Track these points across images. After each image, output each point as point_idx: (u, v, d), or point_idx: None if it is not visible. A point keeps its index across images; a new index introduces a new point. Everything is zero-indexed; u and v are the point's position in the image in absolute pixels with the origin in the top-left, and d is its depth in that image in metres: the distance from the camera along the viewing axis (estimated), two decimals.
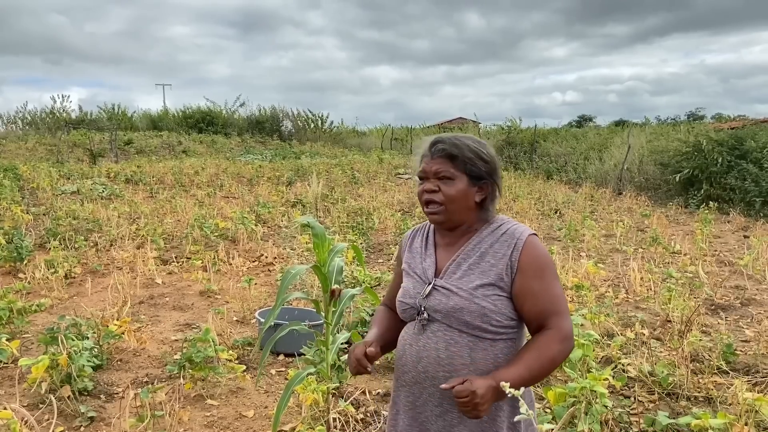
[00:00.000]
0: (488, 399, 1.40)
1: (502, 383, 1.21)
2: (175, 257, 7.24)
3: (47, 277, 6.04)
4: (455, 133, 1.64)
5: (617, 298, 5.67)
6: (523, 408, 1.15)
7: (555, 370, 1.61)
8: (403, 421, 1.67)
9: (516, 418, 1.27)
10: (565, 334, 1.53)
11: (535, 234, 1.60)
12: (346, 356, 3.49)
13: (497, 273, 1.54)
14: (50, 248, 6.96)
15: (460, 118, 36.11)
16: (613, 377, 3.30)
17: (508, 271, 1.54)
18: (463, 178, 1.58)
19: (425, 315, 1.60)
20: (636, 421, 3.28)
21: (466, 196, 1.58)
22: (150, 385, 3.65)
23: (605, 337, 4.37)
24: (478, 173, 1.59)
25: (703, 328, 4.76)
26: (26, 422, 2.76)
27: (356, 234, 8.27)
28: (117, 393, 3.68)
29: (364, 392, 3.64)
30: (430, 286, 1.61)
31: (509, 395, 1.18)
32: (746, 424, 2.82)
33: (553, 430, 2.58)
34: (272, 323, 2.60)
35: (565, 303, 1.58)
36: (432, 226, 1.73)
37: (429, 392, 1.59)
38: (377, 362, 4.12)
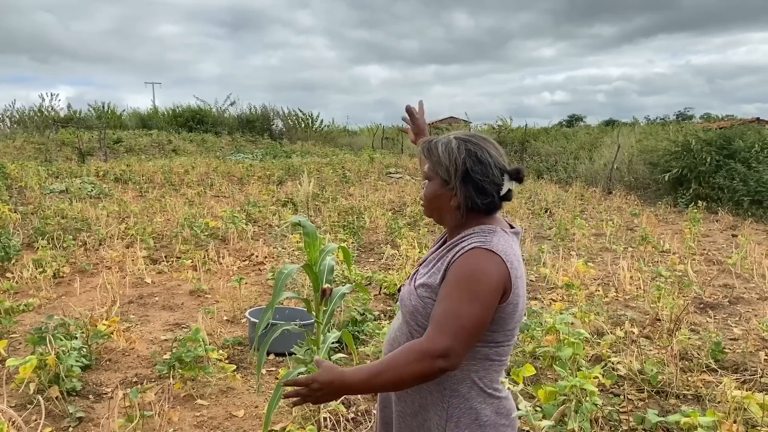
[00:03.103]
0: (327, 392, 1.45)
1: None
2: (165, 257, 7.20)
3: (35, 277, 5.99)
4: (445, 135, 1.63)
5: (607, 296, 5.70)
6: (522, 405, 1.15)
7: (411, 384, 1.46)
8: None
9: (514, 415, 1.29)
10: (428, 351, 1.39)
11: (487, 249, 1.47)
12: (337, 355, 3.49)
13: (438, 278, 1.53)
14: (38, 247, 6.90)
15: (451, 117, 36.13)
16: (603, 375, 3.31)
17: (442, 278, 1.52)
18: (437, 180, 1.58)
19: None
20: (625, 419, 3.29)
21: (438, 198, 1.58)
22: (139, 385, 3.63)
23: (595, 336, 4.39)
24: (445, 177, 1.56)
25: (692, 327, 4.79)
26: (14, 423, 2.73)
27: (347, 233, 8.26)
28: (106, 393, 3.66)
29: None
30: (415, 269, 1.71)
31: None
32: (735, 422, 2.84)
33: (544, 428, 2.59)
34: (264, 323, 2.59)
35: (458, 324, 1.40)
36: None
37: None
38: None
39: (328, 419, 3.16)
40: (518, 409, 1.17)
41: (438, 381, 1.50)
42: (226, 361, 3.93)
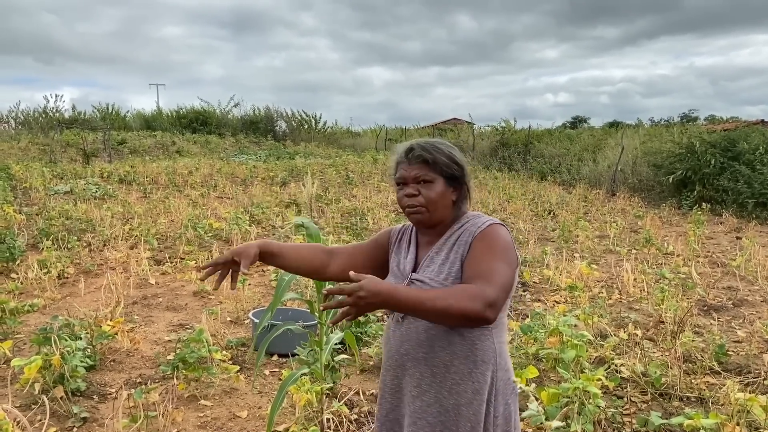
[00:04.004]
0: (372, 301, 1.37)
1: None
2: (169, 257, 7.22)
3: (40, 278, 6.01)
4: (426, 139, 1.75)
5: (610, 298, 5.69)
6: (533, 405, 1.16)
7: (454, 319, 1.46)
8: (385, 404, 1.77)
9: (525, 414, 1.32)
10: (482, 295, 1.43)
11: (502, 224, 1.66)
12: (340, 357, 3.50)
13: (460, 259, 1.63)
14: (43, 248, 6.93)
15: (455, 118, 36.14)
16: (606, 378, 3.31)
17: (466, 254, 1.62)
18: (440, 180, 1.67)
19: None
20: (629, 422, 3.29)
21: (443, 196, 1.68)
22: (143, 386, 3.64)
23: (598, 338, 4.39)
24: (453, 175, 1.68)
25: (696, 329, 4.78)
26: (18, 423, 2.75)
27: (350, 235, 8.27)
28: (110, 393, 3.67)
29: (357, 393, 3.64)
30: (407, 280, 1.70)
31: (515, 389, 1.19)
32: (738, 425, 2.84)
33: (554, 429, 2.59)
34: (266, 324, 2.61)
35: (501, 280, 1.50)
36: (413, 226, 1.81)
37: (410, 373, 1.68)
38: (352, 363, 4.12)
39: (331, 420, 3.17)
40: (528, 408, 1.18)
41: (487, 359, 1.61)
42: (230, 362, 3.93)
